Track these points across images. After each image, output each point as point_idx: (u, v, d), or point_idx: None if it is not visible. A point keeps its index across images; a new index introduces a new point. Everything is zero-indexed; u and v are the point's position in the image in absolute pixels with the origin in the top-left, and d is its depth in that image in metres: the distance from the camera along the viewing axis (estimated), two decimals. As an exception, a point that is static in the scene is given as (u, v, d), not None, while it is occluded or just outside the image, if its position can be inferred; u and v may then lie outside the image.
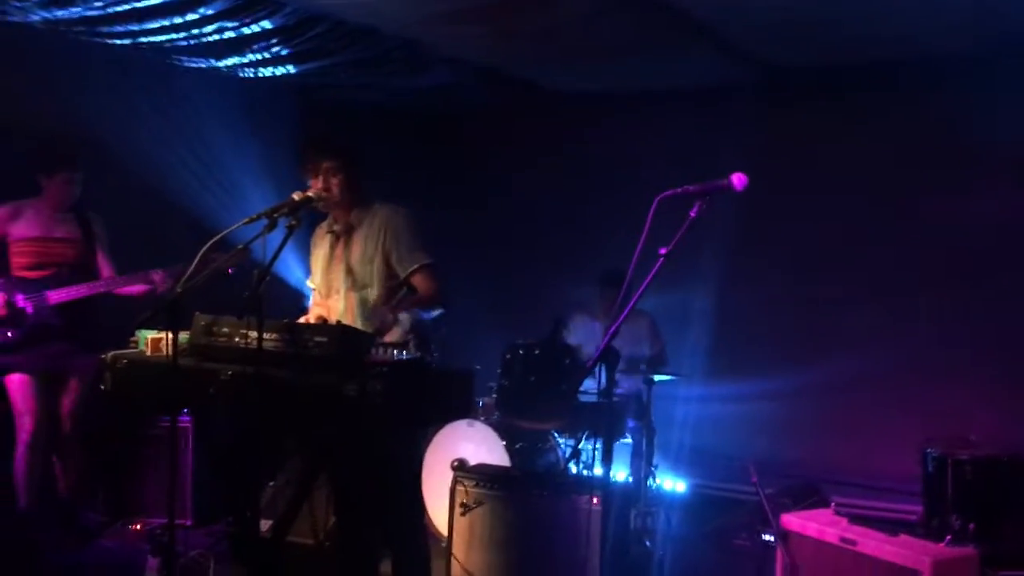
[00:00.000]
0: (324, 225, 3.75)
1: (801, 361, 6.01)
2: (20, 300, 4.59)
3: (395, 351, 3.00)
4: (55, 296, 4.63)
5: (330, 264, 3.65)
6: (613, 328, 2.73)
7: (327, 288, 3.66)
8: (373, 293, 3.55)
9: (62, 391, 4.83)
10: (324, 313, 3.65)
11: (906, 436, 4.88)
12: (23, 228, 4.71)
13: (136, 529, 5.05)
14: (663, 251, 2.72)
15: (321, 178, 3.52)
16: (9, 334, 4.57)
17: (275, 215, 3.11)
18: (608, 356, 2.72)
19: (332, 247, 3.66)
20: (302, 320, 3.61)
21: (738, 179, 2.75)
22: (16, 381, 4.67)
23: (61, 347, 4.69)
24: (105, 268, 4.90)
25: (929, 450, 4.53)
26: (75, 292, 4.64)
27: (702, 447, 6.21)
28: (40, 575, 4.47)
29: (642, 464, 5.19)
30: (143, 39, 5.08)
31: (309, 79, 6.06)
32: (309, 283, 3.82)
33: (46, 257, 4.71)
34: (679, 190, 2.78)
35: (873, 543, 3.46)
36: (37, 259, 4.70)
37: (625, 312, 2.82)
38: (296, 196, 3.30)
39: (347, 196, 3.58)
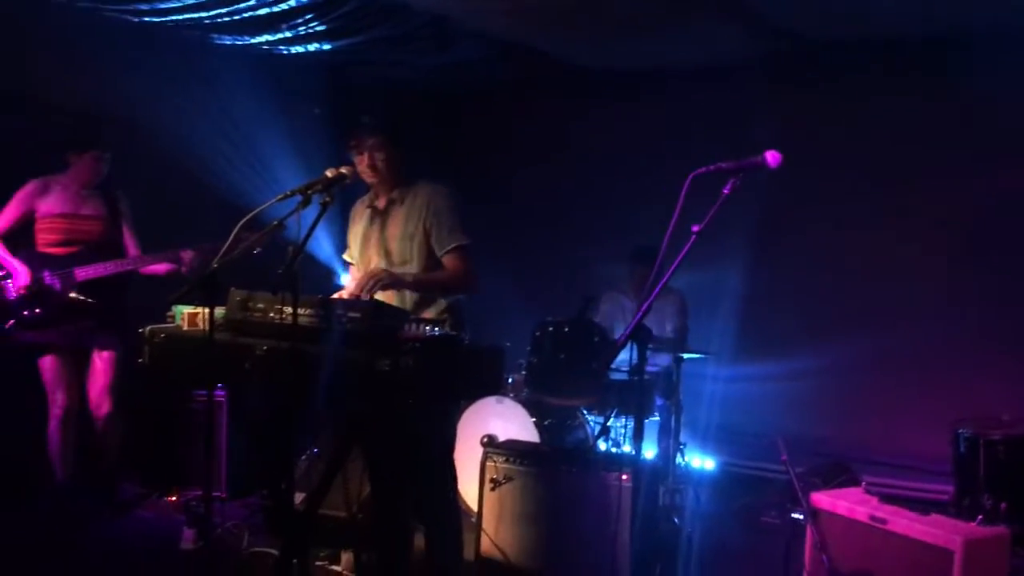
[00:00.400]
0: (364, 199, 3.75)
1: (830, 339, 5.97)
2: (47, 277, 4.63)
3: (428, 327, 3.02)
4: (82, 273, 4.66)
5: (367, 240, 3.66)
6: (645, 305, 2.73)
7: (364, 263, 3.67)
8: (412, 269, 3.54)
9: (93, 367, 4.88)
10: (359, 288, 3.67)
11: (936, 415, 4.87)
12: (50, 204, 4.73)
13: (172, 501, 5.14)
14: (696, 228, 2.70)
15: (366, 155, 3.53)
16: (37, 310, 4.61)
17: (309, 192, 3.12)
18: (640, 333, 2.72)
19: (370, 222, 3.66)
20: (337, 295, 3.63)
21: (772, 156, 2.73)
22: (47, 359, 4.73)
23: (88, 323, 4.74)
24: (131, 246, 4.94)
25: (961, 430, 4.51)
26: (102, 269, 4.68)
27: (730, 425, 6.21)
28: (78, 546, 4.55)
29: (670, 442, 5.20)
30: (177, 16, 5.11)
31: (339, 57, 6.08)
32: (346, 256, 3.84)
33: (73, 234, 4.75)
34: (712, 167, 2.76)
35: (904, 522, 3.45)
36: (64, 236, 4.73)
37: (657, 289, 2.82)
38: (329, 173, 3.31)
39: (391, 173, 3.59)
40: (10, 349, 4.64)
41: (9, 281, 4.59)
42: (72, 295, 4.67)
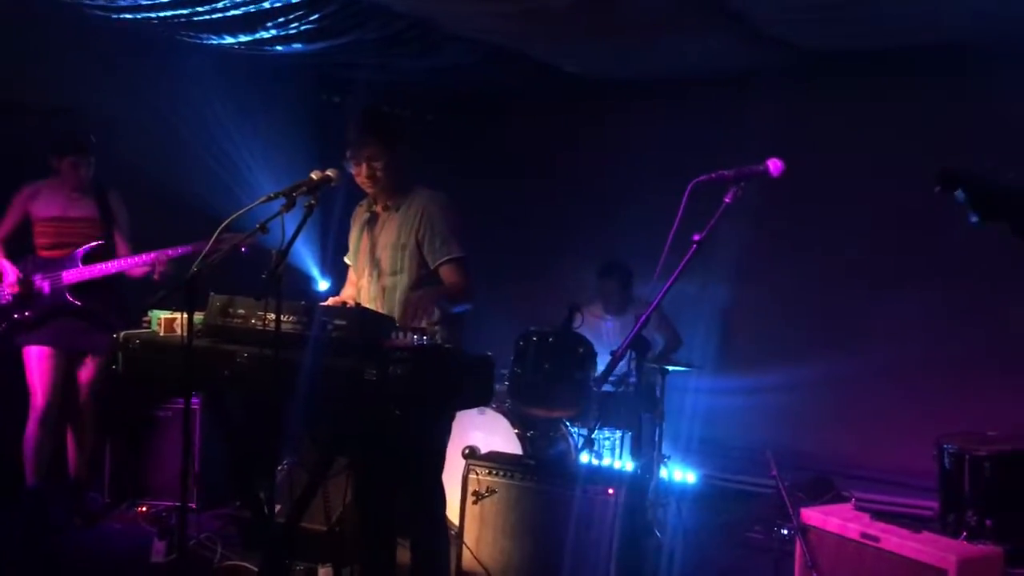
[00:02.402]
0: (364, 203, 3.62)
1: (815, 353, 5.94)
2: (38, 279, 4.63)
3: (416, 336, 2.92)
4: (69, 276, 4.64)
5: (364, 245, 3.54)
6: (644, 316, 2.66)
7: (360, 269, 3.56)
8: (402, 280, 3.41)
9: (79, 370, 4.84)
10: (354, 294, 3.57)
11: (920, 430, 4.82)
12: (42, 208, 4.75)
13: (142, 512, 5.02)
14: (696, 237, 2.64)
15: (364, 166, 3.38)
16: (27, 313, 4.61)
17: (294, 194, 3.03)
18: (639, 345, 2.65)
19: (366, 228, 3.54)
20: (329, 301, 3.52)
21: (774, 165, 2.68)
22: (34, 354, 4.66)
23: (78, 325, 4.70)
24: (121, 247, 4.87)
25: (946, 445, 4.46)
26: (90, 272, 4.65)
27: (713, 438, 6.16)
28: (45, 555, 4.44)
29: (653, 455, 5.13)
30: (158, 14, 5.00)
31: (323, 58, 5.98)
32: (347, 259, 3.72)
33: (64, 236, 4.73)
34: (714, 175, 2.71)
35: (896, 540, 3.41)
36: (55, 239, 4.73)
37: (656, 301, 2.76)
38: (315, 175, 3.21)
39: (391, 180, 3.43)
40: (2, 351, 4.62)
41: (1, 284, 4.60)
42: (61, 297, 4.63)
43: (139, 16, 5.07)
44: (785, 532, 4.32)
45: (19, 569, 4.25)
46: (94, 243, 4.73)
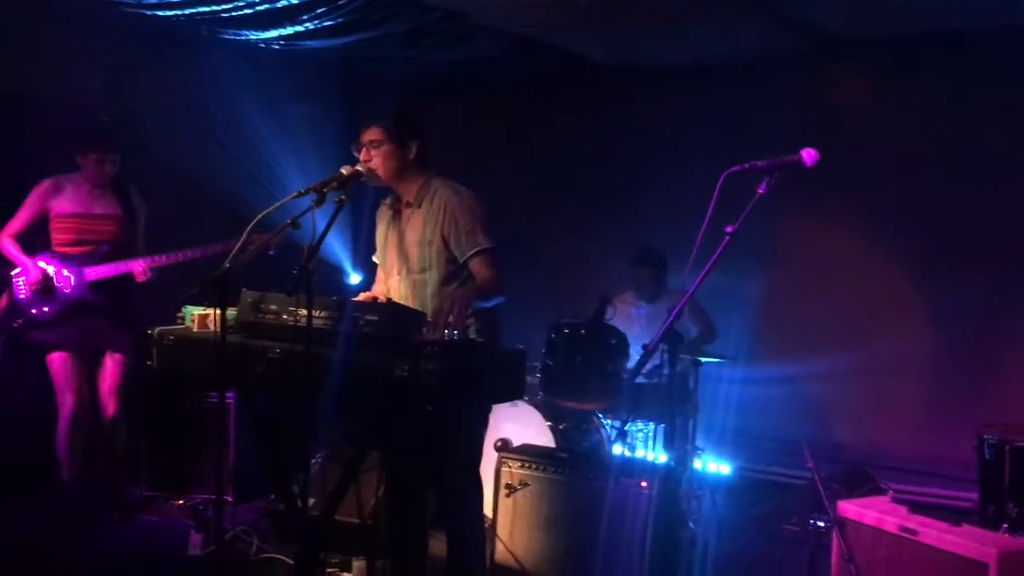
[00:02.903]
0: (387, 200, 3.60)
1: (851, 342, 5.86)
2: (58, 276, 4.62)
3: (448, 331, 2.91)
4: (91, 273, 4.64)
5: (391, 243, 3.53)
6: (677, 308, 2.63)
7: (388, 268, 3.54)
8: (432, 276, 3.40)
9: (102, 368, 4.84)
10: (384, 291, 3.56)
11: (959, 421, 4.75)
12: (63, 204, 4.71)
13: (179, 505, 5.07)
14: (729, 229, 2.61)
15: (364, 150, 3.36)
16: (46, 309, 4.60)
17: (324, 190, 3.04)
18: (672, 338, 2.62)
19: (391, 225, 3.53)
20: (359, 297, 3.52)
21: (808, 154, 2.64)
22: (56, 358, 4.68)
23: (98, 323, 4.70)
24: (142, 243, 4.88)
25: (987, 436, 4.38)
26: (111, 269, 4.66)
27: (748, 429, 6.10)
28: (84, 550, 4.49)
29: (687, 446, 5.10)
30: (186, 11, 5.03)
31: (352, 52, 5.99)
32: (375, 258, 3.71)
33: (85, 234, 4.71)
34: (747, 165, 2.67)
35: (935, 533, 3.35)
36: (76, 235, 4.71)
37: (690, 292, 2.73)
38: (345, 170, 3.22)
39: (395, 171, 3.40)
40: (22, 348, 4.61)
41: (21, 279, 4.58)
42: (81, 294, 4.63)
43: (168, 13, 5.10)
44: (821, 525, 4.27)
45: (57, 563, 4.29)
46: (116, 239, 4.73)
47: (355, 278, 6.29)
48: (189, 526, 4.51)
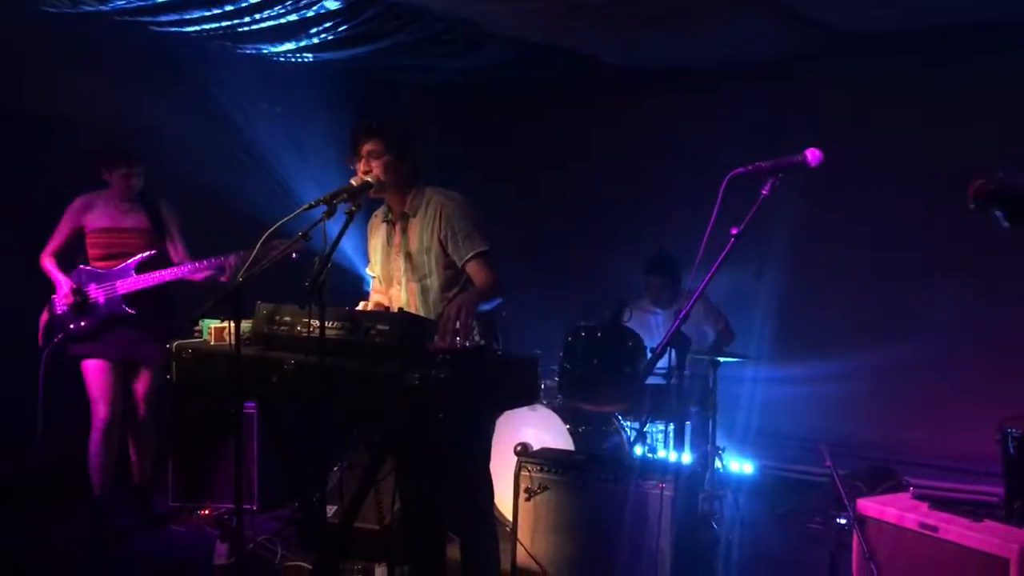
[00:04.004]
0: (379, 213, 3.63)
1: (872, 340, 5.82)
2: (92, 290, 4.73)
3: (459, 338, 2.94)
4: (124, 286, 4.73)
5: (389, 255, 3.56)
6: (683, 312, 2.63)
7: (388, 278, 3.57)
8: (433, 282, 3.43)
9: (136, 379, 4.93)
10: (384, 302, 3.59)
11: (983, 416, 4.70)
12: (95, 219, 4.83)
13: (205, 515, 5.13)
14: (735, 231, 2.60)
15: (363, 162, 3.39)
16: (83, 323, 4.71)
17: (334, 201, 3.07)
18: (679, 341, 2.63)
19: (389, 237, 3.56)
20: (361, 307, 3.56)
21: (812, 154, 2.62)
22: (92, 367, 4.77)
23: (133, 336, 4.78)
24: (175, 254, 4.95)
25: (1010, 429, 4.34)
26: (143, 282, 4.73)
27: (770, 428, 6.07)
28: (114, 561, 4.56)
29: (707, 447, 5.09)
30: (200, 27, 5.10)
31: (364, 63, 6.03)
32: (369, 271, 3.76)
33: (116, 248, 4.81)
34: (751, 167, 2.66)
35: (956, 529, 3.32)
36: (108, 250, 4.81)
37: (695, 296, 2.73)
38: (355, 181, 3.27)
39: (394, 181, 3.42)
40: (60, 362, 4.70)
41: (59, 296, 4.72)
42: (115, 308, 4.73)
43: (182, 30, 5.17)
44: (843, 523, 4.25)
45: (87, 574, 4.36)
46: (147, 253, 4.81)
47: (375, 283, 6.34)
48: (214, 536, 4.55)
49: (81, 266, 4.79)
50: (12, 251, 4.88)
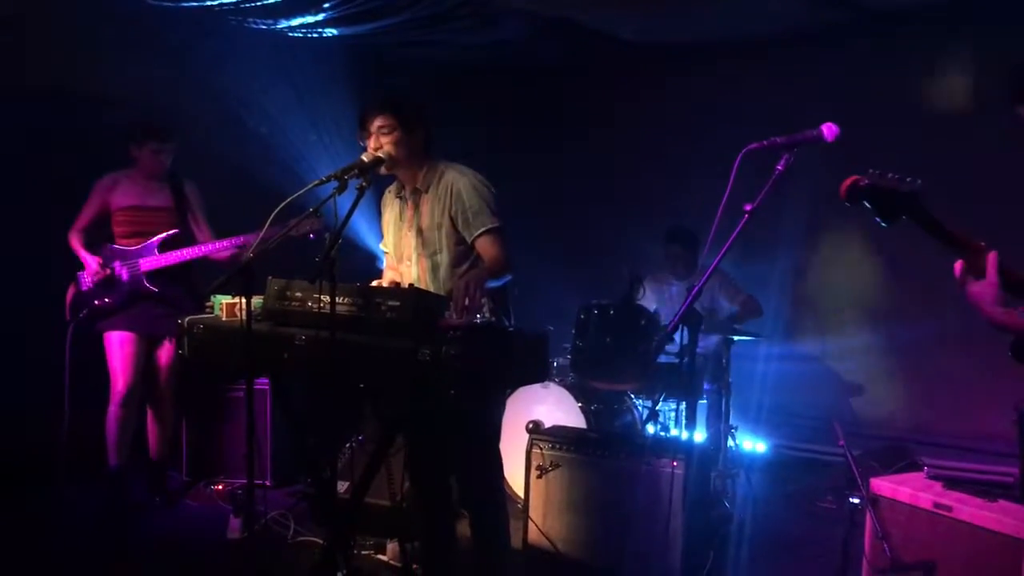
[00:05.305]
0: (392, 189, 3.61)
1: (887, 318, 5.79)
2: (117, 267, 4.79)
3: (469, 314, 2.92)
4: (146, 263, 4.79)
5: (400, 230, 3.54)
6: (696, 288, 2.61)
7: (399, 254, 3.55)
8: (444, 258, 3.41)
9: (158, 354, 4.98)
10: (397, 278, 3.58)
11: (999, 395, 4.66)
12: (121, 198, 4.86)
13: (219, 489, 5.17)
14: (748, 207, 2.57)
15: (373, 138, 3.35)
16: (108, 299, 4.77)
17: (345, 177, 3.04)
18: (690, 318, 2.60)
19: (401, 212, 3.53)
20: (375, 284, 3.55)
21: (828, 129, 2.59)
22: (115, 340, 4.82)
23: (156, 311, 4.82)
24: (199, 234, 4.99)
25: (1026, 409, 4.33)
26: (166, 259, 4.78)
27: (783, 406, 6.05)
28: (128, 535, 4.59)
29: (720, 425, 5.08)
30: (212, 1, 5.07)
31: (380, 38, 5.99)
32: (382, 246, 3.75)
33: (141, 225, 4.85)
34: (766, 142, 2.62)
35: (970, 509, 3.29)
36: (133, 227, 4.85)
37: (708, 273, 2.70)
38: (366, 157, 3.24)
39: (405, 157, 3.38)
40: (85, 338, 4.74)
41: (84, 272, 4.77)
42: (139, 285, 4.78)
43: (193, 4, 5.15)
44: (855, 502, 4.23)
45: (102, 547, 4.40)
46: (169, 231, 4.84)
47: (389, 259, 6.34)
48: (228, 510, 4.59)
49: (108, 244, 4.84)
50: (40, 228, 4.89)
